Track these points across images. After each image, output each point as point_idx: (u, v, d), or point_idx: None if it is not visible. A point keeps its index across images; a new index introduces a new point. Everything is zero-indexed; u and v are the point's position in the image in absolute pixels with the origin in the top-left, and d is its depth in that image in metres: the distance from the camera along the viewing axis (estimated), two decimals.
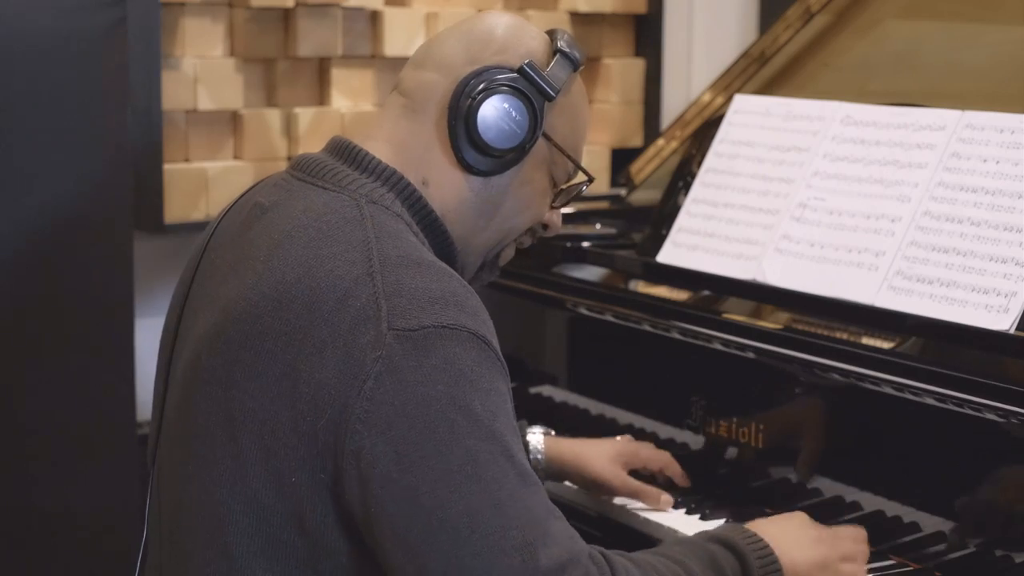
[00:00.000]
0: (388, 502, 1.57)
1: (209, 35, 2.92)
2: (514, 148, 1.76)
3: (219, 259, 1.77)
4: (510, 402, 1.65)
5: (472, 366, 1.59)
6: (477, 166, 1.76)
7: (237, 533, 1.64)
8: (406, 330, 1.58)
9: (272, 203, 1.75)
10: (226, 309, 1.69)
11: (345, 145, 1.78)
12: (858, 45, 2.83)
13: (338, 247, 1.65)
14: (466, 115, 1.74)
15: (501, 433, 1.59)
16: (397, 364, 1.57)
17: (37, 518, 2.59)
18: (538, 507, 1.60)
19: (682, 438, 2.28)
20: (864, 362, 2.00)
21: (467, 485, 1.56)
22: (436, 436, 1.56)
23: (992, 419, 1.84)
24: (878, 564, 1.95)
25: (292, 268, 1.65)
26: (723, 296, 2.32)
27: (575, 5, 3.30)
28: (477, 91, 1.74)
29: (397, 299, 1.60)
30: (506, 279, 2.63)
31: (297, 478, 1.61)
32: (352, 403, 1.57)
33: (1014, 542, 1.85)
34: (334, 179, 1.74)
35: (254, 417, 1.62)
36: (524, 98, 1.75)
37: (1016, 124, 2.09)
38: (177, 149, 2.91)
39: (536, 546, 1.56)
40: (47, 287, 2.57)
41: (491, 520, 1.56)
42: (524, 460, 1.62)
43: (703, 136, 2.55)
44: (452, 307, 1.61)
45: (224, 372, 1.66)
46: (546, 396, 2.57)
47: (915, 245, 2.10)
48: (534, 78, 1.76)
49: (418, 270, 1.63)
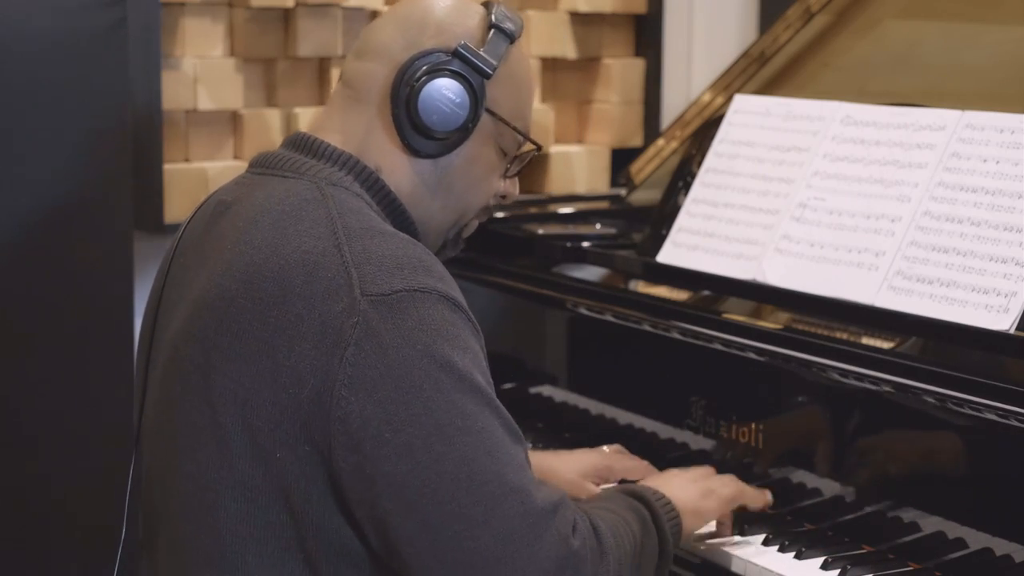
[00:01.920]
0: (383, 462, 1.60)
1: (209, 35, 2.91)
2: (457, 129, 1.79)
3: (187, 260, 1.81)
4: (485, 360, 1.69)
5: (447, 325, 1.64)
6: (423, 150, 1.79)
7: (227, 518, 1.67)
8: (379, 295, 1.62)
9: (234, 199, 1.79)
10: (198, 300, 1.72)
11: (301, 137, 1.82)
12: (858, 45, 2.83)
13: (303, 225, 1.69)
14: (407, 102, 1.77)
15: (481, 386, 1.65)
16: (375, 328, 1.61)
17: (37, 518, 2.59)
18: (523, 454, 1.68)
19: (682, 438, 2.28)
20: (864, 362, 2.00)
21: (459, 437, 1.61)
22: (423, 394, 1.61)
23: (992, 419, 1.84)
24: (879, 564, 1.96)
25: (259, 250, 1.68)
26: (723, 296, 2.32)
27: (575, 5, 3.30)
28: (415, 77, 1.77)
29: (366, 266, 1.64)
30: (506, 279, 2.63)
31: (282, 454, 1.64)
32: (335, 370, 1.60)
33: (1014, 542, 1.85)
34: (293, 167, 1.78)
35: (235, 398, 1.65)
36: (462, 79, 1.78)
37: (1016, 124, 2.09)
38: (177, 149, 2.91)
39: (530, 489, 1.64)
40: (47, 287, 2.57)
41: (487, 467, 1.62)
42: (506, 412, 1.68)
43: (703, 136, 2.55)
44: (420, 271, 1.65)
45: (203, 359, 1.69)
46: (546, 396, 2.57)
47: (915, 245, 2.10)
48: (469, 58, 1.79)
49: (383, 238, 1.68)
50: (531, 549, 1.63)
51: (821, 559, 1.96)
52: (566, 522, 1.67)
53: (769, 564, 1.97)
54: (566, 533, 1.66)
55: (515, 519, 1.62)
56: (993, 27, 2.62)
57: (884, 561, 1.96)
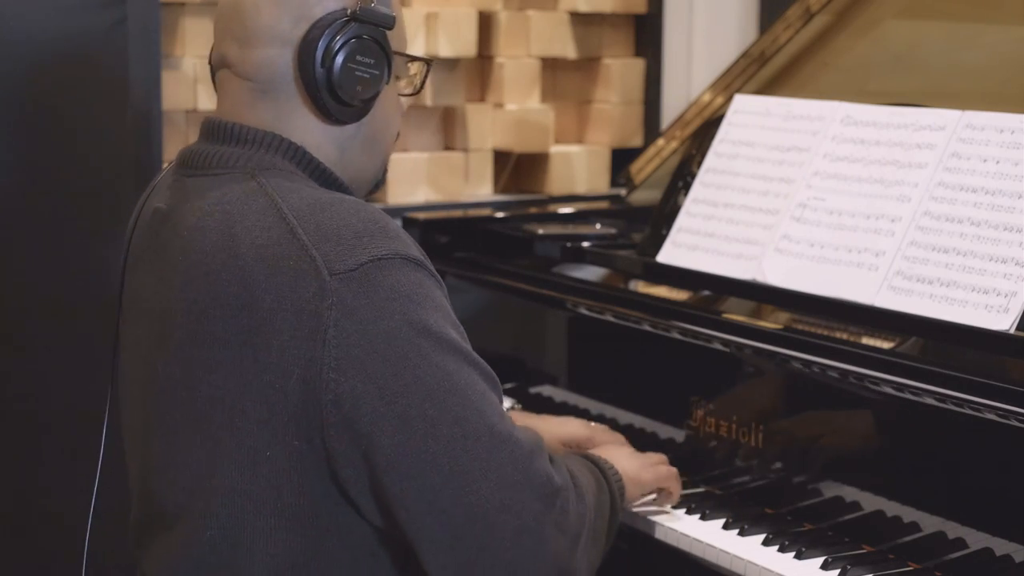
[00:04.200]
0: (380, 435, 1.62)
1: (209, 35, 2.90)
2: (377, 89, 1.78)
3: (140, 270, 1.80)
4: (451, 309, 1.72)
5: (416, 288, 1.66)
6: (349, 119, 1.78)
7: (223, 526, 1.67)
8: (346, 271, 1.63)
9: (169, 206, 1.77)
10: (164, 316, 1.72)
11: (219, 125, 1.78)
12: (858, 45, 2.83)
13: (249, 219, 1.67)
14: (326, 82, 1.74)
15: (459, 343, 1.69)
16: (350, 306, 1.62)
17: (37, 518, 2.59)
18: (500, 400, 1.73)
19: (682, 438, 2.28)
20: (864, 362, 2.00)
21: (449, 398, 1.64)
22: (409, 363, 1.63)
23: (992, 419, 1.84)
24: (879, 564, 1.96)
25: (213, 255, 1.67)
26: (723, 296, 2.32)
27: (575, 5, 3.30)
28: (327, 55, 1.73)
29: (325, 244, 1.64)
30: (506, 279, 2.63)
31: (272, 452, 1.65)
32: (318, 355, 1.61)
33: (1014, 542, 1.85)
34: (221, 162, 1.76)
35: (222, 406, 1.66)
36: (371, 42, 1.76)
37: (1016, 124, 2.08)
38: (177, 149, 2.90)
39: (515, 434, 1.69)
40: (47, 287, 2.57)
41: (477, 422, 1.66)
42: (479, 358, 1.71)
43: (703, 136, 2.55)
44: (377, 236, 1.66)
45: (182, 374, 1.69)
46: (546, 396, 2.57)
47: (915, 245, 2.10)
48: (370, 17, 1.76)
49: (331, 209, 1.67)
50: (524, 493, 1.67)
51: (821, 559, 1.96)
52: (546, 460, 1.74)
53: (769, 564, 1.97)
54: (550, 471, 1.72)
55: (507, 466, 1.67)
56: (993, 27, 2.62)
57: (884, 561, 1.96)
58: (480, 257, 2.71)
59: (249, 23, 1.76)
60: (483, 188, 3.19)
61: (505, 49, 3.21)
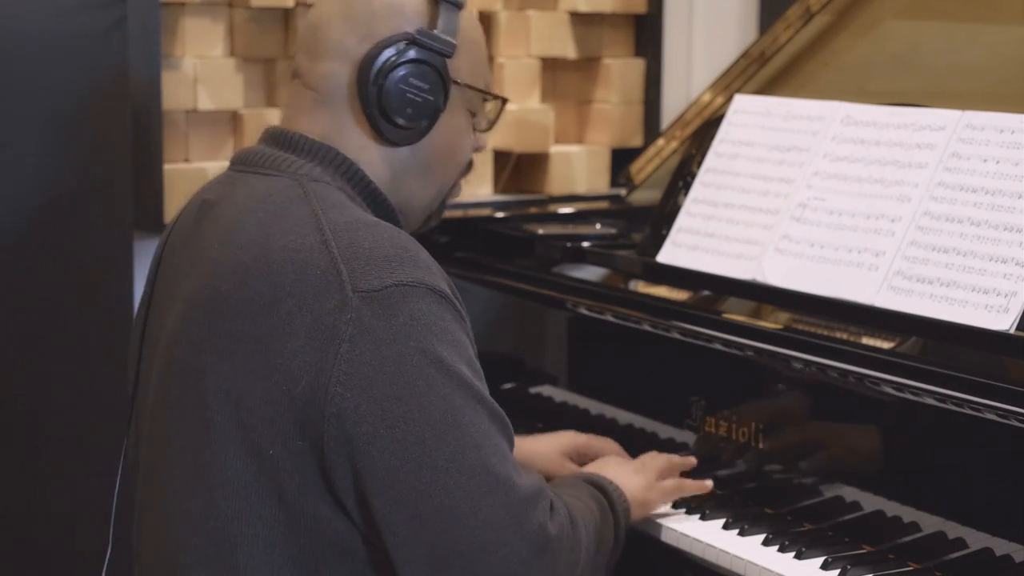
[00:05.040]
0: (376, 457, 1.63)
1: (209, 35, 2.91)
2: (431, 115, 1.81)
3: (175, 260, 1.82)
4: (471, 347, 1.73)
5: (436, 320, 1.67)
6: (401, 141, 1.81)
7: (219, 517, 1.68)
8: (370, 291, 1.64)
9: (217, 198, 1.81)
10: (189, 301, 1.74)
11: (281, 132, 1.83)
12: (858, 45, 2.83)
13: (287, 223, 1.70)
14: (378, 101, 1.78)
15: (470, 379, 1.68)
16: (368, 325, 1.63)
17: (37, 518, 2.59)
18: (507, 442, 1.72)
19: (682, 438, 2.28)
20: (864, 362, 2.00)
21: (450, 432, 1.65)
22: (416, 390, 1.64)
23: (992, 419, 1.84)
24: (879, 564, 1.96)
25: (247, 250, 1.70)
26: (723, 296, 2.32)
27: (575, 5, 3.30)
28: (380, 74, 1.77)
29: (355, 261, 1.65)
30: (506, 279, 2.63)
31: (275, 450, 1.66)
32: (328, 367, 1.62)
33: (1014, 542, 1.85)
34: (273, 164, 1.79)
35: (228, 397, 1.67)
36: (426, 65, 1.79)
37: (1016, 124, 2.08)
38: (177, 149, 2.91)
39: (514, 477, 1.69)
40: (47, 287, 2.57)
41: (474, 460, 1.66)
42: (492, 401, 1.71)
43: (703, 136, 2.55)
44: (407, 263, 1.67)
45: (195, 360, 1.70)
46: (546, 396, 2.57)
47: (915, 245, 2.10)
48: (428, 42, 1.79)
49: (368, 230, 1.69)
50: (514, 537, 1.67)
51: (821, 559, 1.96)
52: (545, 510, 1.73)
53: (769, 564, 1.97)
54: (544, 520, 1.71)
55: (499, 509, 1.66)
56: (993, 27, 2.62)
57: (884, 561, 1.96)
58: (480, 257, 2.71)
59: (320, 37, 1.82)
60: (483, 188, 3.19)
61: (505, 49, 3.21)
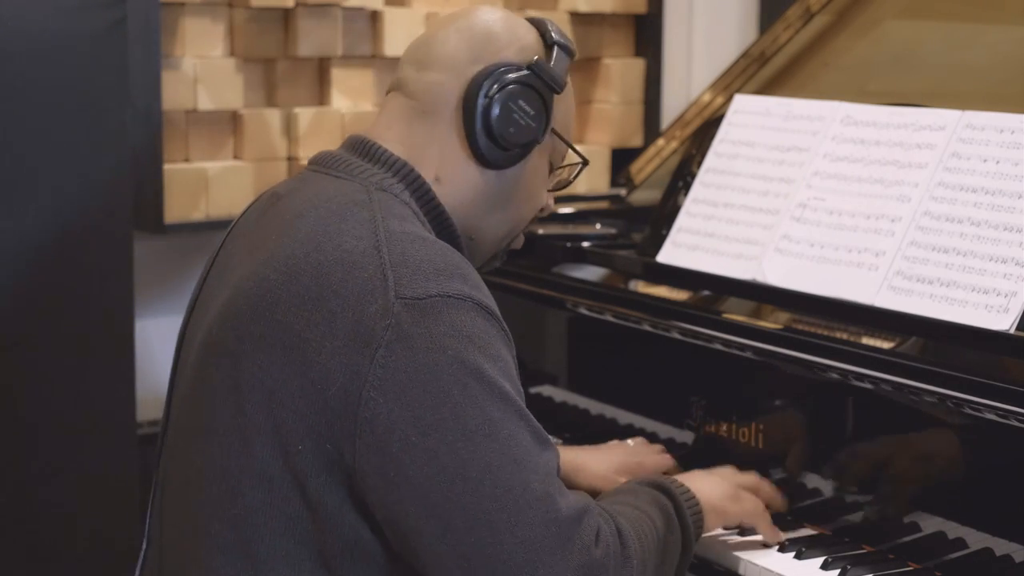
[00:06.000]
0: (408, 465, 1.62)
1: (209, 35, 2.92)
2: (529, 142, 1.84)
3: (235, 248, 1.84)
4: (515, 369, 1.71)
5: (479, 333, 1.66)
6: (494, 161, 1.83)
7: (245, 506, 1.67)
8: (413, 298, 1.64)
9: (287, 191, 1.83)
10: (237, 286, 1.74)
11: (362, 141, 1.85)
12: (858, 45, 2.83)
13: (346, 224, 1.71)
14: (484, 113, 1.81)
15: (509, 394, 1.66)
16: (407, 332, 1.62)
17: (37, 518, 2.59)
18: (552, 462, 1.68)
19: (682, 438, 2.28)
20: (864, 362, 2.00)
21: (486, 444, 1.62)
22: (451, 399, 1.62)
23: (992, 419, 1.84)
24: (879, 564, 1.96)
25: (301, 244, 1.71)
26: (723, 296, 2.32)
27: (575, 5, 3.30)
28: (493, 89, 1.81)
29: (403, 269, 1.66)
30: (506, 279, 2.63)
31: (304, 446, 1.65)
32: (364, 371, 1.62)
33: (1014, 542, 1.85)
34: (347, 169, 1.81)
35: (262, 387, 1.66)
36: (536, 94, 1.83)
37: (1016, 124, 2.08)
38: (177, 149, 2.91)
39: (555, 496, 1.65)
40: (47, 287, 2.57)
41: (512, 475, 1.63)
42: (534, 420, 1.69)
43: (703, 136, 2.55)
44: (456, 278, 1.68)
45: (234, 344, 1.70)
46: (546, 396, 2.57)
47: (915, 245, 2.10)
48: (543, 74, 1.84)
49: (422, 244, 1.70)
50: (553, 557, 1.63)
51: (821, 559, 1.96)
52: (590, 530, 1.68)
53: (769, 564, 1.97)
54: (588, 542, 1.67)
55: (539, 527, 1.63)
56: (993, 27, 2.62)
57: (884, 561, 1.96)
58: None
59: (433, 50, 1.85)
60: None
61: None
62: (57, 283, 2.57)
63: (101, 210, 2.60)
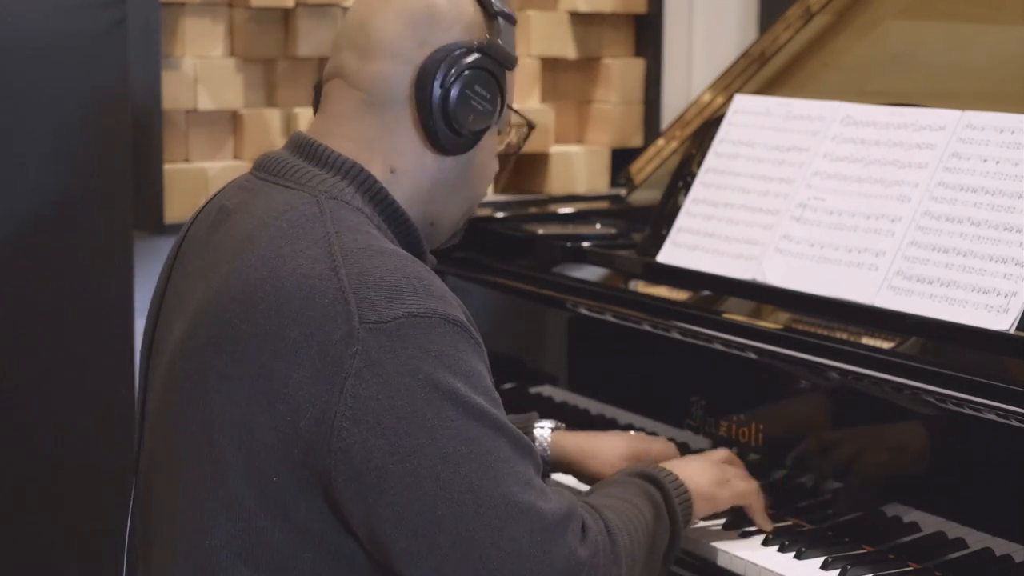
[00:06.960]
0: (388, 492, 1.59)
1: (209, 35, 2.91)
2: (488, 125, 1.80)
3: (189, 265, 1.79)
4: (489, 377, 1.68)
5: (447, 350, 1.62)
6: (453, 149, 1.79)
7: (221, 536, 1.64)
8: (378, 323, 1.59)
9: (235, 205, 1.76)
10: (196, 313, 1.70)
11: (306, 141, 1.78)
12: (858, 45, 2.83)
13: (300, 244, 1.65)
14: (441, 103, 1.75)
15: (486, 409, 1.63)
16: (375, 358, 1.58)
17: (36, 517, 2.59)
18: (532, 468, 1.66)
19: (682, 438, 2.28)
20: (864, 362, 2.00)
21: (465, 464, 1.60)
22: (426, 423, 1.59)
23: (992, 419, 1.84)
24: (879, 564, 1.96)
25: (256, 269, 1.65)
26: (723, 296, 2.32)
27: (575, 5, 3.30)
28: (446, 77, 1.75)
29: (364, 292, 1.61)
30: (506, 279, 2.63)
31: (279, 477, 1.62)
32: (334, 401, 1.58)
33: (1014, 542, 1.85)
34: (295, 176, 1.75)
35: (231, 420, 1.63)
36: (490, 76, 1.78)
37: (1016, 124, 2.09)
38: (177, 149, 2.91)
39: (539, 504, 1.63)
40: (47, 287, 2.57)
41: (493, 491, 1.61)
42: (512, 427, 1.66)
43: (703, 136, 2.55)
44: (420, 293, 1.62)
45: (199, 376, 1.66)
46: (546, 396, 2.57)
47: (915, 245, 2.10)
48: (496, 55, 1.78)
49: (380, 258, 1.64)
50: (540, 565, 1.62)
51: (821, 559, 1.96)
52: (575, 532, 1.66)
53: (769, 564, 1.97)
54: (575, 545, 1.65)
55: (523, 538, 1.62)
56: (993, 27, 2.63)
57: (884, 561, 1.96)
58: (480, 257, 2.71)
59: (374, 36, 1.77)
60: None
61: None
62: (57, 283, 2.57)
63: (101, 210, 2.60)
